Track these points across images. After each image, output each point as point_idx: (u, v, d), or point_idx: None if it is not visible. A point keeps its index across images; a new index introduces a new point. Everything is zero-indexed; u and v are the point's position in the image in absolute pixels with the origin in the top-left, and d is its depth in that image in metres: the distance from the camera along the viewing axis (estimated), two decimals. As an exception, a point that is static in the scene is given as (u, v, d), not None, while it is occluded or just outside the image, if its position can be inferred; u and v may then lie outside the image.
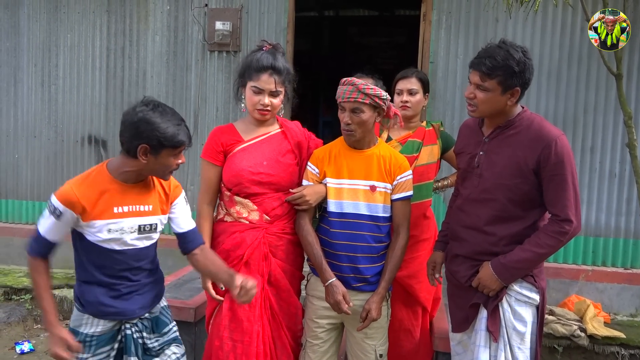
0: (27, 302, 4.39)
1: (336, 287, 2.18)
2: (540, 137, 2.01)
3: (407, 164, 2.31)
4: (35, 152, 5.10)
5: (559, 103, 4.22)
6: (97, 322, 1.99)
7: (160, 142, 1.87)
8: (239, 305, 2.24)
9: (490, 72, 2.00)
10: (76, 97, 5.00)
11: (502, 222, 2.09)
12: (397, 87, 2.66)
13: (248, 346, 2.23)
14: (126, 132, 1.91)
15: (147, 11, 4.81)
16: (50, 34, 4.99)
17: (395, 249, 2.25)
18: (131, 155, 1.92)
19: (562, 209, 1.99)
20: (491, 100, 2.04)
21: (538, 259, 2.05)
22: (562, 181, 1.98)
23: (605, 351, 3.60)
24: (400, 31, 8.38)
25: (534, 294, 2.10)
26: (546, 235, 2.01)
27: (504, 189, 2.06)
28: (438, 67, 4.37)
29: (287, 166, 2.33)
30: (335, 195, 2.25)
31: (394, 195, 2.26)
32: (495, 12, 4.24)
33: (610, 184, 4.19)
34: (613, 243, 4.21)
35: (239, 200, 2.30)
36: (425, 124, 2.69)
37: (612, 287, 4.16)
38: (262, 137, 2.34)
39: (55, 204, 1.89)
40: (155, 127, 1.85)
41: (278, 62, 2.25)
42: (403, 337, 2.61)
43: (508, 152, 2.07)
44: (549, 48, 4.21)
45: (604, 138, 4.19)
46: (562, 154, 1.97)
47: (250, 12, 4.65)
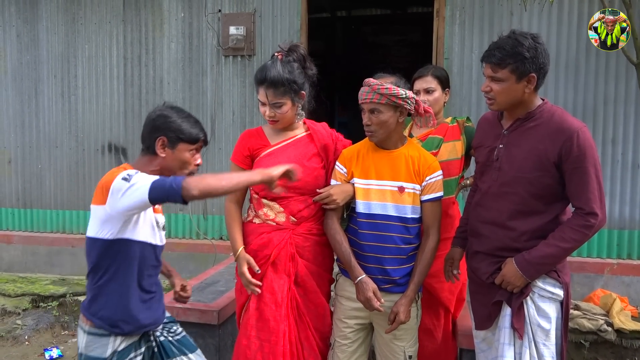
0: (55, 309, 4.48)
1: (366, 284, 2.17)
2: (562, 129, 1.97)
3: (437, 164, 2.28)
4: (57, 162, 5.21)
5: (577, 95, 4.16)
6: (120, 339, 1.94)
7: (176, 135, 1.95)
8: (265, 305, 2.26)
9: (501, 61, 1.99)
10: (95, 107, 5.09)
11: (523, 217, 2.06)
12: (414, 87, 2.63)
13: (275, 345, 2.24)
14: (146, 129, 2.00)
15: (162, 19, 4.88)
16: (68, 46, 5.09)
17: (425, 251, 2.23)
18: (151, 152, 1.98)
19: (587, 202, 1.95)
20: (507, 90, 2.02)
21: (563, 253, 2.01)
22: (585, 174, 1.95)
23: (634, 345, 3.53)
24: (414, 28, 8.35)
25: (558, 289, 2.07)
26: (571, 229, 1.98)
27: (524, 183, 2.03)
28: (453, 63, 4.34)
29: (313, 170, 2.34)
30: (363, 195, 2.24)
31: (424, 197, 2.24)
32: (510, 5, 4.20)
33: (633, 175, 4.12)
34: (638, 235, 4.14)
35: (266, 203, 2.34)
36: (450, 120, 2.66)
37: (638, 280, 4.08)
38: (288, 141, 2.36)
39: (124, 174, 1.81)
40: (172, 120, 1.96)
41: (273, 74, 2.21)
42: (423, 337, 2.57)
43: (528, 144, 2.03)
44: (566, 40, 4.15)
45: (626, 129, 4.11)
46: (584, 146, 1.94)
47: (263, 16, 4.68)
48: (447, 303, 2.63)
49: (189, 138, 1.98)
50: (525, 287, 2.06)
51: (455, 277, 2.40)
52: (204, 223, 4.94)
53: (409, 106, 2.19)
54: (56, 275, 5.07)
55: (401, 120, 2.22)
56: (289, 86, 2.24)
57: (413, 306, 2.26)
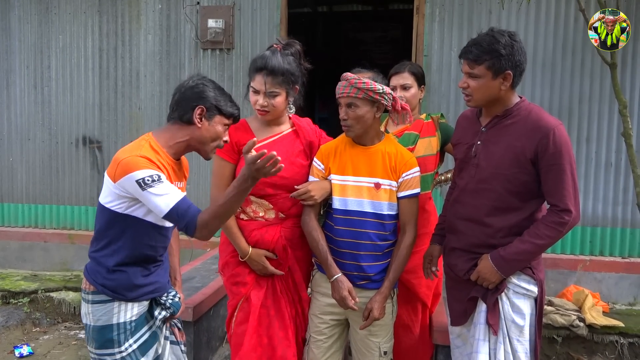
0: (25, 306, 4.38)
1: (342, 283, 2.17)
2: (539, 127, 1.99)
3: (414, 161, 2.27)
4: (29, 155, 5.08)
5: (554, 93, 4.22)
6: (130, 305, 1.93)
7: (216, 106, 1.93)
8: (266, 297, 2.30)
9: (477, 58, 2.01)
10: (69, 99, 4.97)
11: (500, 213, 2.07)
12: (391, 83, 2.64)
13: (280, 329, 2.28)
14: (183, 97, 1.95)
15: (139, 10, 4.79)
16: (41, 36, 4.96)
17: (401, 248, 2.23)
18: (185, 121, 1.93)
19: (561, 199, 1.98)
20: (484, 86, 2.03)
21: (538, 250, 2.03)
22: (560, 171, 1.97)
23: (604, 340, 3.61)
24: (395, 25, 8.36)
25: (532, 286, 2.09)
26: (545, 226, 2.00)
27: (501, 179, 2.05)
28: (432, 60, 4.35)
29: (301, 167, 2.33)
30: (339, 192, 2.24)
31: (400, 193, 2.23)
32: (489, 4, 4.22)
33: (606, 173, 4.19)
34: (610, 232, 4.22)
35: (254, 200, 2.31)
36: (425, 117, 2.67)
37: (610, 276, 4.16)
38: (276, 136, 2.33)
39: (147, 174, 1.77)
40: (211, 91, 1.95)
41: (274, 62, 2.21)
42: (402, 333, 2.59)
43: (506, 141, 2.05)
44: (543, 38, 4.20)
45: (600, 128, 4.18)
46: (560, 144, 1.96)
47: (242, 9, 4.62)
48: (425, 298, 2.65)
49: (227, 112, 1.96)
50: (501, 283, 2.08)
51: (434, 274, 2.41)
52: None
53: (385, 102, 2.19)
54: (27, 270, 4.95)
55: (378, 115, 2.22)
56: (287, 77, 2.24)
57: (388, 302, 2.26)
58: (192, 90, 1.95)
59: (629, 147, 3.37)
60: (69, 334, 4.16)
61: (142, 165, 1.78)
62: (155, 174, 1.78)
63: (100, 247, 1.93)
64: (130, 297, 1.92)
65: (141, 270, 1.95)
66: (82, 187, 4.99)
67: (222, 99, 1.96)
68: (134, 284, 1.92)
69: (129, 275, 1.92)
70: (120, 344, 1.91)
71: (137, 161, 1.79)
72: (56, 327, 4.30)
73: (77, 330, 4.22)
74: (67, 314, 4.37)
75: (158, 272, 2.03)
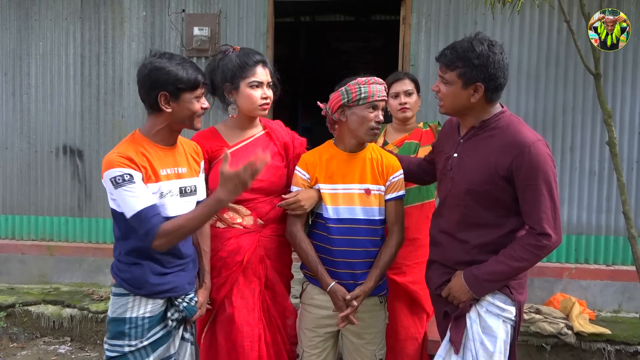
0: (2, 320, 4.22)
1: (339, 292, 2.15)
2: (514, 143, 1.84)
3: (398, 163, 2.28)
4: (7, 164, 4.92)
5: (538, 103, 4.27)
6: (145, 302, 1.93)
7: (176, 86, 1.86)
8: (238, 310, 2.20)
9: (450, 63, 1.89)
10: (50, 107, 4.84)
11: (475, 229, 1.95)
12: (391, 90, 2.64)
13: (250, 351, 2.18)
14: (142, 88, 1.90)
15: (123, 17, 4.71)
16: (21, 42, 4.84)
17: (389, 246, 2.21)
18: (155, 110, 1.90)
19: (537, 222, 1.83)
20: (453, 94, 1.91)
21: (512, 272, 1.89)
22: (536, 191, 1.82)
23: (592, 348, 3.63)
24: (377, 36, 8.42)
25: (509, 306, 1.92)
26: (522, 248, 1.85)
27: (475, 195, 1.92)
28: (419, 70, 4.37)
29: (277, 169, 2.28)
30: (331, 201, 2.21)
31: (388, 196, 2.23)
32: (474, 15, 4.27)
33: (590, 182, 4.25)
34: (595, 240, 4.27)
35: (231, 207, 2.24)
36: (422, 125, 2.67)
37: (595, 284, 4.21)
38: (248, 140, 2.28)
39: (117, 173, 1.79)
40: (166, 71, 1.85)
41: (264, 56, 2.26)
42: (409, 345, 2.55)
43: (480, 156, 1.92)
44: (527, 49, 4.26)
45: (583, 137, 4.25)
46: (536, 162, 1.81)
47: (229, 18, 4.59)
48: (430, 309, 2.63)
49: (190, 85, 1.88)
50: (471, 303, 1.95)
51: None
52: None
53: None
54: (4, 284, 4.77)
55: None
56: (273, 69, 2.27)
57: (380, 309, 2.26)
58: (148, 78, 1.88)
59: (614, 156, 3.43)
60: (47, 349, 4.02)
61: (116, 164, 1.80)
62: (126, 174, 1.79)
63: (116, 245, 1.99)
64: (143, 293, 1.93)
65: (158, 267, 1.93)
66: (62, 197, 4.85)
67: (180, 72, 1.86)
68: (147, 280, 1.91)
69: (144, 269, 1.92)
70: (130, 338, 1.92)
71: (112, 159, 1.82)
72: (34, 342, 4.15)
73: (56, 345, 4.08)
74: (46, 328, 4.22)
75: (178, 274, 1.99)
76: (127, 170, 1.80)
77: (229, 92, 2.24)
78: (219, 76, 2.24)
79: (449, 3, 4.32)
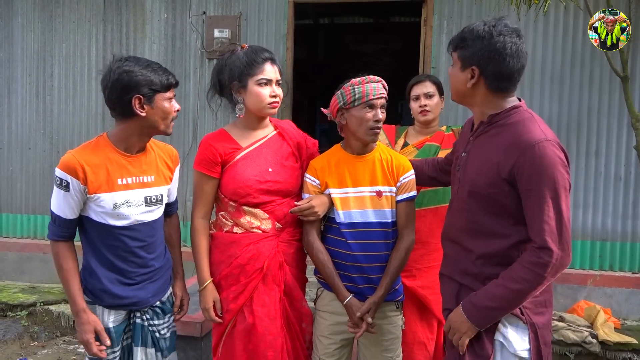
0: (23, 319, 4.27)
1: (355, 306, 2.11)
2: (518, 142, 1.61)
3: (409, 163, 2.22)
4: (30, 165, 5.00)
5: (562, 106, 4.19)
6: (108, 312, 1.93)
7: (149, 88, 1.83)
8: (260, 319, 2.13)
9: (454, 42, 1.78)
10: (72, 108, 4.91)
11: (480, 238, 1.72)
12: (412, 92, 2.61)
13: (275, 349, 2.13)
14: (113, 93, 1.84)
15: (144, 20, 4.75)
16: (44, 44, 4.91)
17: (400, 250, 2.15)
18: (128, 115, 1.85)
19: (538, 234, 1.57)
20: (454, 76, 1.78)
21: (514, 296, 1.61)
22: (539, 198, 1.56)
23: (617, 357, 3.55)
24: (396, 38, 8.38)
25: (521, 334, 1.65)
26: (521, 267, 1.59)
27: (479, 199, 1.71)
28: (440, 72, 4.32)
29: (293, 170, 2.23)
30: (342, 205, 2.16)
31: (399, 197, 2.17)
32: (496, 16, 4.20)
33: (615, 187, 4.16)
34: (620, 247, 4.17)
35: (248, 210, 2.17)
36: (445, 129, 2.63)
37: (620, 291, 4.11)
38: (261, 141, 2.21)
39: (59, 175, 1.83)
40: (138, 73, 1.81)
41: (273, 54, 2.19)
42: (417, 350, 2.51)
43: (484, 155, 1.71)
44: (552, 52, 4.19)
45: (609, 141, 4.16)
46: (540, 164, 1.56)
47: (249, 20, 4.60)
48: (441, 315, 2.57)
49: (164, 86, 1.86)
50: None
51: None
52: (184, 230, 4.78)
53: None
54: (26, 283, 4.85)
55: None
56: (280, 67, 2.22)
57: (397, 314, 2.22)
58: (118, 82, 1.81)
59: (642, 161, 3.35)
60: (67, 349, 4.06)
61: (64, 167, 1.82)
62: (65, 181, 1.81)
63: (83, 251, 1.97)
64: (106, 303, 1.92)
65: (119, 277, 1.92)
66: (83, 198, 4.90)
67: (152, 75, 1.83)
68: (107, 290, 1.91)
69: (102, 280, 1.91)
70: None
71: (66, 160, 1.83)
72: (55, 341, 4.19)
73: (76, 344, 4.11)
74: (67, 327, 4.26)
75: (144, 286, 1.97)
76: (68, 177, 1.81)
77: (237, 90, 2.15)
78: (227, 75, 2.15)
79: (471, 4, 4.26)
